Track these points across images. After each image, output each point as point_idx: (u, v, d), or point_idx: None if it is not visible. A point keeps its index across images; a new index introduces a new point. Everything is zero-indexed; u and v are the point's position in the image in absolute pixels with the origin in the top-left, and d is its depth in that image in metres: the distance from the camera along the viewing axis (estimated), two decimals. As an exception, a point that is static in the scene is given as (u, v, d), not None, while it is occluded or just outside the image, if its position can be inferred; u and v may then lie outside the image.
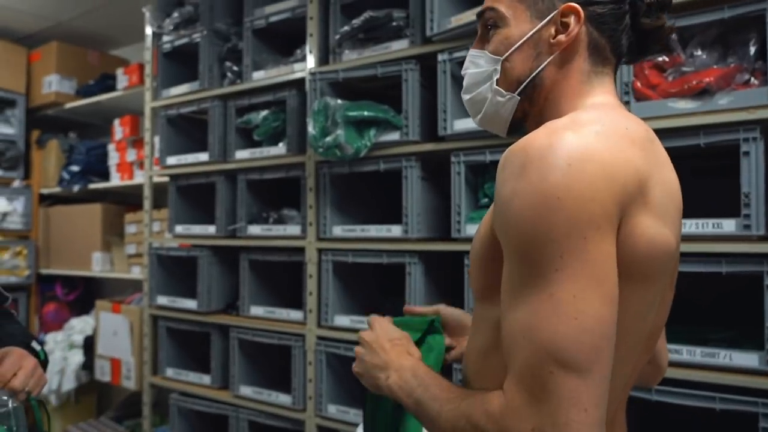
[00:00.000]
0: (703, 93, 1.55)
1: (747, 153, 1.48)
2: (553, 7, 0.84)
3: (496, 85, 0.88)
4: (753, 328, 1.54)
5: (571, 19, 0.83)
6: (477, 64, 0.90)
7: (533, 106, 0.88)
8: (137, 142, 3.45)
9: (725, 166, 1.63)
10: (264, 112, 2.49)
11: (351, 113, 2.09)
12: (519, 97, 0.88)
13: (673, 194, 0.81)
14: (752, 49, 1.53)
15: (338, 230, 2.24)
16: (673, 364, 1.52)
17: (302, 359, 2.32)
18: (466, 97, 0.94)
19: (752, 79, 1.52)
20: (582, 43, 0.85)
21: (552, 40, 0.85)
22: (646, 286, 0.77)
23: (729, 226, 1.50)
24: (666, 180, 0.80)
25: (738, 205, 1.49)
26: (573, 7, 0.83)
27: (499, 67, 0.88)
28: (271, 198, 2.61)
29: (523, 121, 0.91)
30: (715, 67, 1.56)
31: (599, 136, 0.73)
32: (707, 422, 1.62)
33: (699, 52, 1.59)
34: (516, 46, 0.86)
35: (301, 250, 2.35)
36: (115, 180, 3.58)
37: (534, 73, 0.86)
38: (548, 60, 0.85)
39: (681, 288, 0.96)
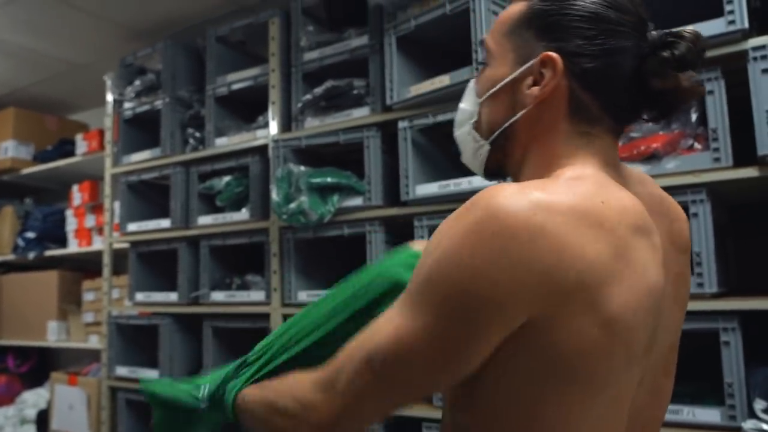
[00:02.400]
0: (651, 157, 1.62)
1: (696, 214, 1.55)
2: (533, 53, 0.74)
3: (473, 128, 0.82)
4: (715, 382, 1.58)
5: (549, 71, 0.73)
6: (467, 99, 0.84)
7: (508, 157, 0.80)
8: (96, 208, 3.40)
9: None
10: (227, 178, 2.50)
11: (314, 180, 2.12)
12: (489, 146, 0.80)
13: (655, 290, 0.69)
14: (693, 116, 1.62)
15: (303, 295, 2.22)
16: (639, 423, 1.54)
17: (269, 429, 2.26)
18: (455, 132, 0.86)
19: (695, 144, 1.61)
20: (562, 99, 0.74)
21: (527, 91, 0.75)
22: (594, 389, 0.66)
23: (684, 284, 1.55)
24: (644, 272, 0.67)
25: (691, 263, 1.55)
26: (550, 56, 0.72)
27: (477, 108, 0.81)
28: (235, 263, 2.59)
29: (501, 170, 0.83)
30: (661, 132, 1.64)
31: (550, 214, 0.63)
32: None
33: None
34: (492, 90, 0.78)
35: (266, 316, 2.32)
36: (73, 246, 3.50)
37: (506, 124, 0.77)
38: (522, 112, 0.76)
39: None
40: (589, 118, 0.74)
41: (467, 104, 0.83)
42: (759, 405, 1.46)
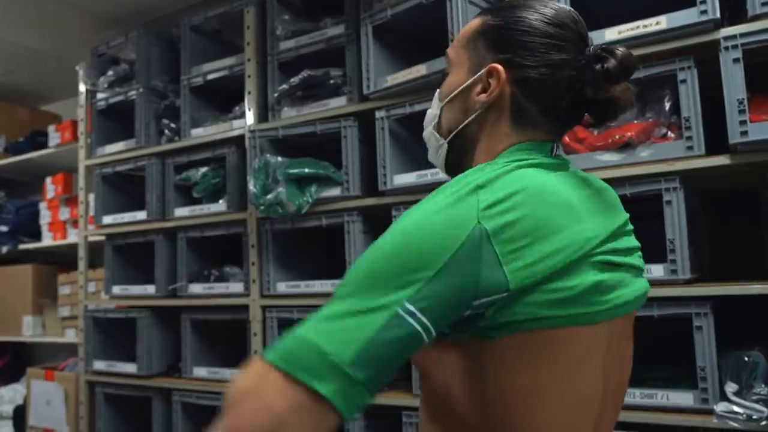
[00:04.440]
0: (626, 146, 1.64)
1: (669, 202, 1.57)
2: (484, 64, 0.84)
3: (434, 128, 0.91)
4: (690, 367, 1.61)
5: (494, 80, 0.82)
6: (433, 103, 0.93)
7: (465, 156, 0.88)
8: (70, 201, 3.35)
9: (650, 211, 1.72)
10: (203, 169, 2.47)
11: (292, 170, 2.11)
12: (447, 145, 0.89)
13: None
14: (667, 105, 1.64)
15: (282, 286, 2.22)
16: (615, 408, 1.56)
17: (249, 421, 2.25)
18: (425, 132, 0.95)
19: (669, 132, 1.63)
20: (506, 104, 0.82)
21: (476, 97, 0.84)
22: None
23: (657, 270, 1.58)
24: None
25: (665, 250, 1.57)
26: (495, 67, 0.82)
27: (438, 111, 0.90)
28: (213, 255, 2.57)
29: (459, 166, 0.88)
30: (635, 122, 1.66)
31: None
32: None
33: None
34: (451, 95, 0.88)
35: (244, 308, 2.31)
36: (48, 240, 3.44)
37: (461, 126, 0.87)
38: (473, 116, 0.85)
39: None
40: (529, 122, 0.83)
41: (432, 107, 0.92)
42: (730, 388, 1.49)
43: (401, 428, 1.91)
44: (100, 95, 2.84)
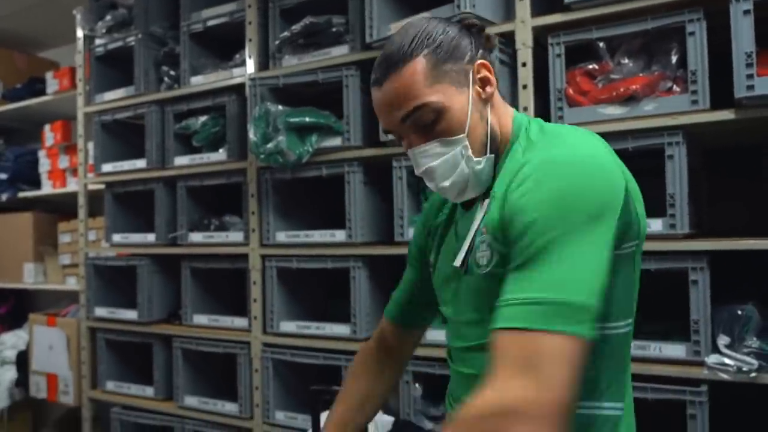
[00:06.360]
0: (630, 99, 1.62)
1: (671, 156, 1.56)
2: (467, 70, 0.94)
3: (467, 161, 0.95)
4: (686, 321, 1.63)
5: (485, 72, 0.96)
6: (437, 153, 0.94)
7: (499, 144, 0.98)
8: (70, 149, 3.33)
9: (651, 167, 1.71)
10: (203, 118, 2.45)
11: (292, 119, 2.09)
12: (492, 154, 0.97)
13: None
14: (674, 58, 1.61)
15: (282, 236, 2.23)
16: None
17: (248, 367, 2.30)
18: (445, 183, 0.96)
19: (674, 86, 1.61)
20: (493, 85, 0.98)
21: (483, 96, 0.96)
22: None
23: (656, 225, 1.58)
24: None
25: (664, 205, 1.57)
26: (484, 63, 0.96)
27: (466, 142, 0.94)
28: (213, 205, 2.57)
29: (498, 157, 0.99)
30: (641, 75, 1.64)
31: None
32: (640, 411, 1.70)
33: (626, 61, 1.67)
34: (469, 116, 0.93)
35: (244, 257, 2.33)
36: (47, 188, 3.44)
37: (489, 129, 0.96)
38: (489, 111, 0.96)
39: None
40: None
41: (446, 152, 0.94)
42: (722, 341, 1.51)
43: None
44: (98, 41, 2.80)
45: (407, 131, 0.95)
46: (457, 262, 0.99)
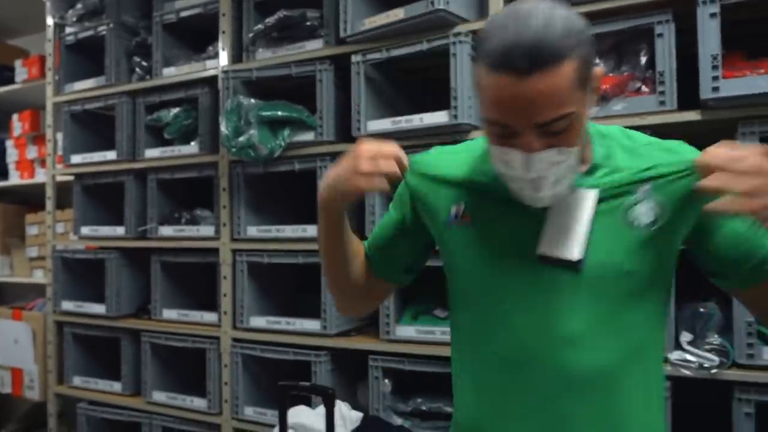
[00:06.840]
0: (600, 99, 1.64)
1: (638, 156, 1.58)
2: (591, 76, 0.84)
3: (575, 171, 0.88)
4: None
5: (596, 80, 0.87)
6: (554, 162, 0.84)
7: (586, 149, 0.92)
8: (38, 139, 3.26)
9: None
10: (175, 110, 2.42)
11: (265, 113, 2.07)
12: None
13: None
14: (643, 59, 1.64)
15: (253, 230, 2.21)
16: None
17: (217, 362, 2.28)
18: (549, 193, 0.86)
19: (643, 87, 1.63)
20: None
21: (593, 103, 0.88)
22: None
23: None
24: None
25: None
26: (600, 70, 0.87)
27: (577, 153, 0.86)
28: (184, 198, 2.54)
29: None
30: (611, 75, 1.66)
31: None
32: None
33: (596, 61, 1.69)
34: (582, 129, 0.86)
35: (214, 251, 2.31)
36: (15, 179, 3.37)
37: (587, 136, 0.91)
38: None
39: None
40: None
41: (563, 160, 0.84)
42: (685, 337, 1.54)
43: (367, 371, 1.95)
44: (68, 30, 2.75)
45: (530, 131, 0.82)
46: (573, 253, 0.87)
